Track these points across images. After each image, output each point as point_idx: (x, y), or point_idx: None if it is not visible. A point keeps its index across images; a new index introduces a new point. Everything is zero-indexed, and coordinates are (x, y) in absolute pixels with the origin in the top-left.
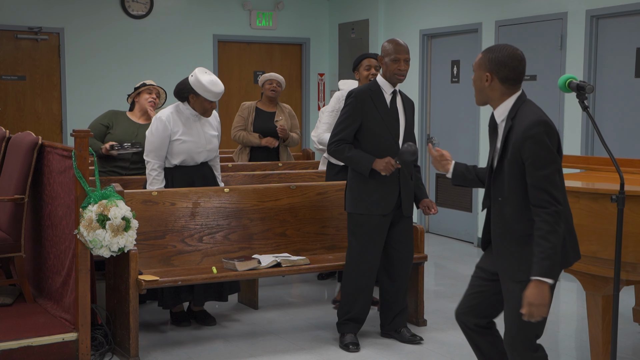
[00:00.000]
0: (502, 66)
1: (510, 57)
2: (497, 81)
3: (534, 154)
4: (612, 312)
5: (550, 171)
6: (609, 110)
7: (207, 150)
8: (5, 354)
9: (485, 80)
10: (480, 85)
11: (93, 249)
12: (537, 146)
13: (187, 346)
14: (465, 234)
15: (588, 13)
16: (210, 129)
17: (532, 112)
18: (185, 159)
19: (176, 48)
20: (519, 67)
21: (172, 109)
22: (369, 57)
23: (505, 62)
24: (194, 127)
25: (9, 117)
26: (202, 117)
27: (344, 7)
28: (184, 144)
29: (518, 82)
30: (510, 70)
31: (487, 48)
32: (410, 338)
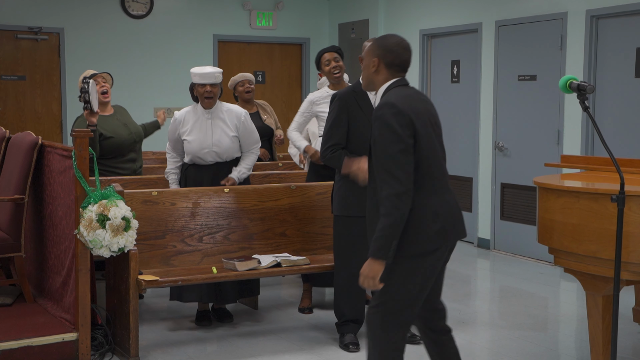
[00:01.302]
0: (389, 52)
1: (396, 45)
2: (382, 66)
3: (377, 134)
4: (612, 312)
5: (392, 152)
6: (609, 110)
7: (215, 151)
8: (5, 354)
9: (373, 66)
10: (368, 71)
11: (93, 249)
12: (381, 127)
13: (187, 346)
14: None
15: (588, 13)
16: (224, 127)
17: (390, 95)
18: (193, 158)
19: (176, 48)
20: (403, 55)
21: (190, 108)
22: (326, 52)
23: (392, 48)
24: (204, 126)
25: (9, 117)
26: (216, 115)
27: (344, 7)
28: (189, 144)
29: (402, 70)
30: (395, 56)
31: (377, 37)
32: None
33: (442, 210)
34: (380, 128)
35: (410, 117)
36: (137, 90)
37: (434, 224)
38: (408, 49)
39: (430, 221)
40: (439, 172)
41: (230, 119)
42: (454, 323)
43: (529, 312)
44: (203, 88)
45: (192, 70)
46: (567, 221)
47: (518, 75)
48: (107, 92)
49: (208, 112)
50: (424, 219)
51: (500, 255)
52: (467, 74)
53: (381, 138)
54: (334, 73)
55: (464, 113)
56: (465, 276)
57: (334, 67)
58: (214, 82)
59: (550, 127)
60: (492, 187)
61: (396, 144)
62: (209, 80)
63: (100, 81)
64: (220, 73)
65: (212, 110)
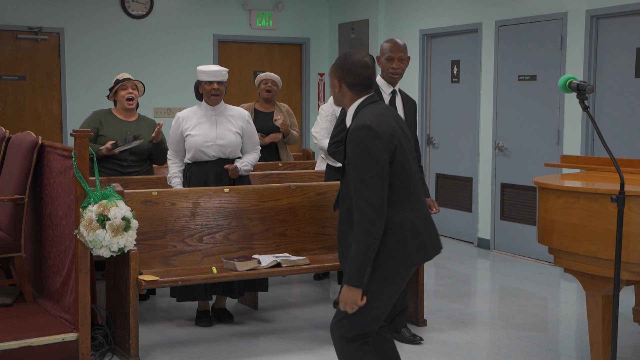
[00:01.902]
0: (348, 73)
1: (355, 64)
2: (345, 87)
3: (352, 157)
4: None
5: (367, 177)
6: (609, 110)
7: (219, 145)
8: (5, 354)
9: (335, 87)
10: (333, 92)
11: (93, 249)
12: (357, 149)
13: (187, 346)
14: (465, 234)
15: (588, 13)
16: (228, 124)
17: (364, 115)
18: (196, 153)
19: (176, 48)
20: (363, 74)
21: (194, 107)
22: None
23: (351, 69)
24: (208, 122)
25: (9, 117)
26: (221, 113)
27: (344, 7)
28: (193, 138)
29: (366, 88)
30: (355, 76)
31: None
32: (410, 338)
33: (420, 226)
34: (355, 150)
35: (388, 139)
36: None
37: (414, 240)
38: (368, 67)
39: (411, 238)
40: (415, 188)
41: (234, 119)
42: (454, 323)
43: (529, 312)
44: (210, 85)
45: (199, 68)
46: (567, 221)
47: (518, 75)
48: (132, 100)
49: (213, 109)
50: (406, 236)
51: (500, 255)
52: (467, 74)
53: (357, 161)
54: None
55: (464, 113)
56: (465, 276)
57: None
58: (221, 79)
59: (550, 127)
60: (492, 187)
61: (372, 167)
62: (217, 77)
63: (130, 87)
64: (227, 72)
65: (217, 107)
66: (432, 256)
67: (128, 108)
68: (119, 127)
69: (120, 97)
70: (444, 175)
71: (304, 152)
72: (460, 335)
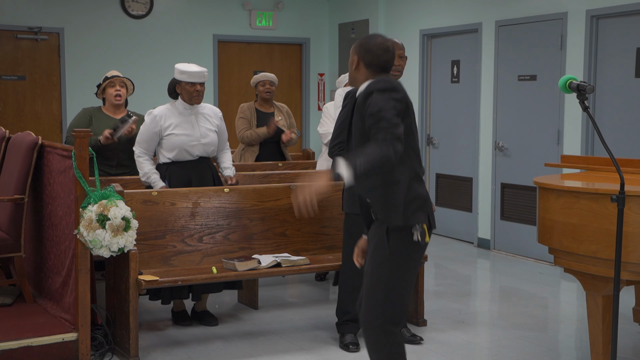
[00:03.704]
0: (368, 52)
1: (376, 46)
2: (362, 65)
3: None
4: (612, 312)
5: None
6: (609, 110)
7: (203, 144)
8: (5, 354)
9: (353, 63)
10: (350, 68)
11: (93, 249)
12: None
13: (187, 346)
14: (465, 234)
15: (588, 13)
16: (206, 123)
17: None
18: (180, 153)
19: (176, 48)
20: (382, 56)
21: (167, 105)
22: None
23: (372, 49)
24: (188, 121)
25: (9, 117)
26: (197, 111)
27: (344, 7)
28: (177, 137)
29: (382, 70)
30: (374, 56)
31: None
32: (410, 338)
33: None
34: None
35: (404, 95)
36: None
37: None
38: (389, 51)
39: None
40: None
41: (209, 116)
42: (454, 323)
43: (529, 312)
44: (193, 87)
45: (179, 67)
46: (567, 221)
47: (518, 75)
48: (120, 96)
49: (190, 108)
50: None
51: (500, 255)
52: (467, 74)
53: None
54: None
55: (464, 113)
56: (465, 276)
57: None
58: (202, 80)
59: (550, 127)
60: (492, 187)
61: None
62: (199, 79)
63: (118, 84)
64: (207, 72)
65: (193, 106)
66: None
67: (116, 103)
68: (108, 124)
69: (108, 95)
70: (444, 175)
71: (304, 152)
72: (460, 335)
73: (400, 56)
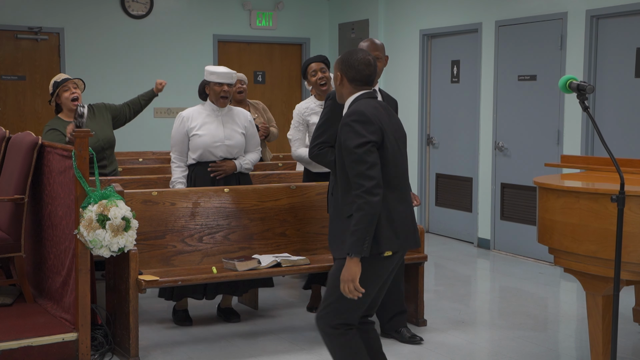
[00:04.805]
0: (351, 68)
1: (358, 61)
2: (345, 80)
3: (347, 140)
4: (612, 312)
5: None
6: (609, 110)
7: (227, 145)
8: (5, 354)
9: (337, 79)
10: (335, 83)
11: (93, 249)
12: (349, 132)
13: (187, 346)
14: (465, 234)
15: (588, 13)
16: (234, 125)
17: (358, 105)
18: (203, 153)
19: (176, 48)
20: (364, 71)
21: (197, 106)
22: (312, 62)
23: (353, 65)
24: (215, 122)
25: (9, 117)
26: (226, 113)
27: (344, 7)
28: (200, 138)
29: (365, 84)
30: (356, 72)
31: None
32: (410, 338)
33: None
34: (347, 133)
35: (379, 126)
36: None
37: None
38: (370, 65)
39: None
40: (400, 182)
41: (239, 119)
42: (454, 323)
43: (529, 312)
44: (220, 87)
45: (209, 69)
46: (567, 221)
47: (518, 75)
48: (77, 99)
49: (219, 110)
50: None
51: (500, 255)
52: (467, 74)
53: (350, 142)
54: (321, 84)
55: (464, 113)
56: (465, 276)
57: (321, 77)
58: (230, 82)
59: (550, 127)
60: (492, 187)
61: (363, 146)
62: (227, 80)
63: (71, 87)
64: (235, 74)
65: (223, 108)
66: (402, 248)
67: (74, 107)
68: None
69: (64, 100)
70: (444, 175)
71: None
72: (460, 335)
73: (378, 58)
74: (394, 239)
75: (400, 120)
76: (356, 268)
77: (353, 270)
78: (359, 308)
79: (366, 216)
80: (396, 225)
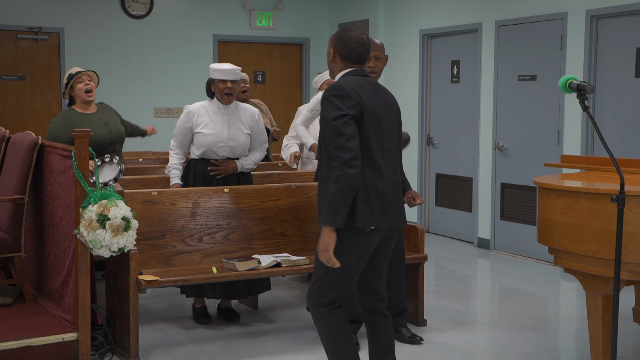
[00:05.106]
0: (344, 45)
1: (351, 39)
2: (337, 57)
3: (326, 112)
4: (612, 312)
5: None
6: (609, 110)
7: (230, 146)
8: (5, 354)
9: (330, 55)
10: (328, 59)
11: (93, 249)
12: (327, 105)
13: (187, 346)
14: (465, 234)
15: (588, 13)
16: (239, 124)
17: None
18: (206, 152)
19: (176, 48)
20: (357, 50)
21: (205, 102)
22: None
23: (346, 42)
24: (220, 121)
25: (9, 117)
26: (232, 112)
27: (344, 7)
28: (204, 137)
29: (356, 62)
30: (349, 50)
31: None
32: (410, 338)
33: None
34: (326, 107)
35: (357, 101)
36: (137, 90)
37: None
38: (363, 44)
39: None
40: (380, 160)
41: (245, 117)
42: (454, 323)
43: (529, 312)
44: (224, 84)
45: (213, 66)
46: (567, 221)
47: (518, 75)
48: (91, 91)
49: (225, 107)
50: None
51: (500, 255)
52: (467, 74)
53: (328, 115)
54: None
55: (464, 113)
56: (465, 276)
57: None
58: (234, 78)
59: (550, 127)
60: (492, 187)
61: (341, 118)
62: (230, 76)
63: (85, 79)
64: (240, 70)
65: (229, 106)
66: (381, 225)
67: (88, 100)
68: (88, 121)
69: (77, 91)
70: (444, 175)
71: None
72: (460, 335)
73: (377, 57)
74: (369, 215)
75: (394, 101)
76: (330, 238)
77: (327, 239)
78: (347, 284)
79: (342, 188)
80: (373, 201)
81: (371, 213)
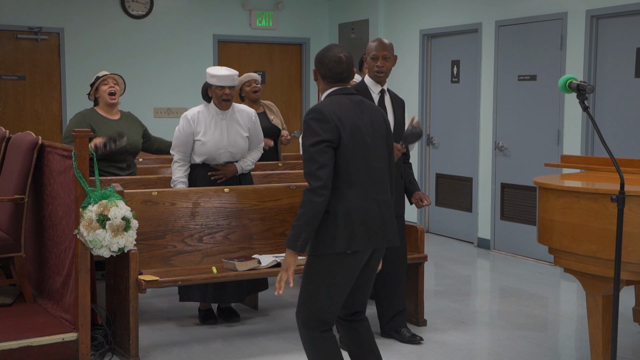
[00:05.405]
0: (322, 65)
1: (329, 59)
2: (319, 77)
3: (303, 136)
4: (612, 312)
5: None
6: (609, 110)
7: (231, 151)
8: (5, 354)
9: (314, 75)
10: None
11: (93, 249)
12: (305, 129)
13: (187, 346)
14: (465, 234)
15: (588, 13)
16: (238, 128)
17: (322, 102)
18: (207, 159)
19: (176, 48)
20: (335, 69)
21: (200, 108)
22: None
23: (324, 62)
24: (219, 127)
25: (9, 117)
26: (230, 116)
27: (344, 7)
28: (204, 145)
29: (337, 81)
30: (327, 69)
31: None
32: (410, 338)
33: (365, 212)
34: (305, 131)
35: (335, 124)
36: (137, 90)
37: (346, 228)
38: (341, 63)
39: (342, 225)
40: (363, 180)
41: (242, 120)
42: (454, 323)
43: (529, 312)
44: (222, 90)
45: (210, 72)
46: (567, 221)
47: (518, 75)
48: (114, 94)
49: (222, 113)
50: (336, 221)
51: (500, 255)
52: (467, 74)
53: (305, 139)
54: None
55: (464, 113)
56: (465, 276)
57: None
58: (232, 84)
59: (550, 127)
60: (492, 187)
61: (317, 145)
62: (229, 83)
63: (110, 82)
64: (237, 75)
65: (227, 111)
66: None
67: (110, 102)
68: (108, 126)
69: (102, 92)
70: (444, 175)
71: None
72: (460, 335)
73: (386, 57)
74: (350, 239)
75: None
76: (290, 259)
77: (287, 260)
78: (332, 306)
79: (306, 214)
80: (355, 224)
81: (353, 237)
